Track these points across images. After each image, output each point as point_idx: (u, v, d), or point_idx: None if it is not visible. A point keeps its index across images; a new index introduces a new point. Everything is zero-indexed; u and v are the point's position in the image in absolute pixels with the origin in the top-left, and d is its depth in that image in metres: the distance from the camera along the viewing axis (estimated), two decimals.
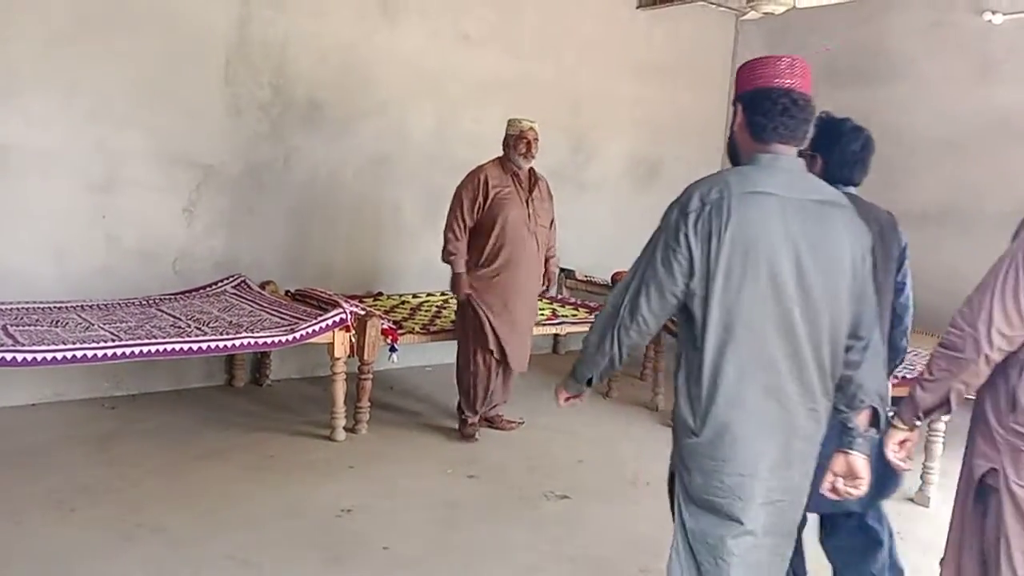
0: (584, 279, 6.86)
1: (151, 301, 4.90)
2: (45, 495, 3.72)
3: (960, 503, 2.18)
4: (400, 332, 4.90)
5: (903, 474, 2.59)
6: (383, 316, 4.98)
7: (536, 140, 4.76)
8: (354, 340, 4.66)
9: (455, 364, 4.96)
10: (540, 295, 5.27)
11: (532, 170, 4.86)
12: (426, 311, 5.64)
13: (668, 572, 2.11)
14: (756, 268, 1.92)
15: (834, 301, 1.99)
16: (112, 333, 4.13)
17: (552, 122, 6.56)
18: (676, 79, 7.54)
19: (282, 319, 4.63)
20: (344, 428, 4.70)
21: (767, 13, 5.17)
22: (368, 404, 4.84)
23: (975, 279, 2.11)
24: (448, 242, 4.73)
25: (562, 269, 6.90)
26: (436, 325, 5.20)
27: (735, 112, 2.10)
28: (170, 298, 5.01)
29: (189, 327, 4.36)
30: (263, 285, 5.34)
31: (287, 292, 5.38)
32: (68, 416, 4.76)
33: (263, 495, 3.91)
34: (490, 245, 4.70)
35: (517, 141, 4.74)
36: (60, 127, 4.82)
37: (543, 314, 5.66)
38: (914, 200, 6.67)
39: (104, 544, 3.33)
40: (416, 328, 5.08)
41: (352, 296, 5.56)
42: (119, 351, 3.91)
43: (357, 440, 4.74)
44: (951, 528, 2.21)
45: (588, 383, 2.24)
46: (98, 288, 4.96)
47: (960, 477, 2.19)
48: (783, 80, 2.01)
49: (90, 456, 4.23)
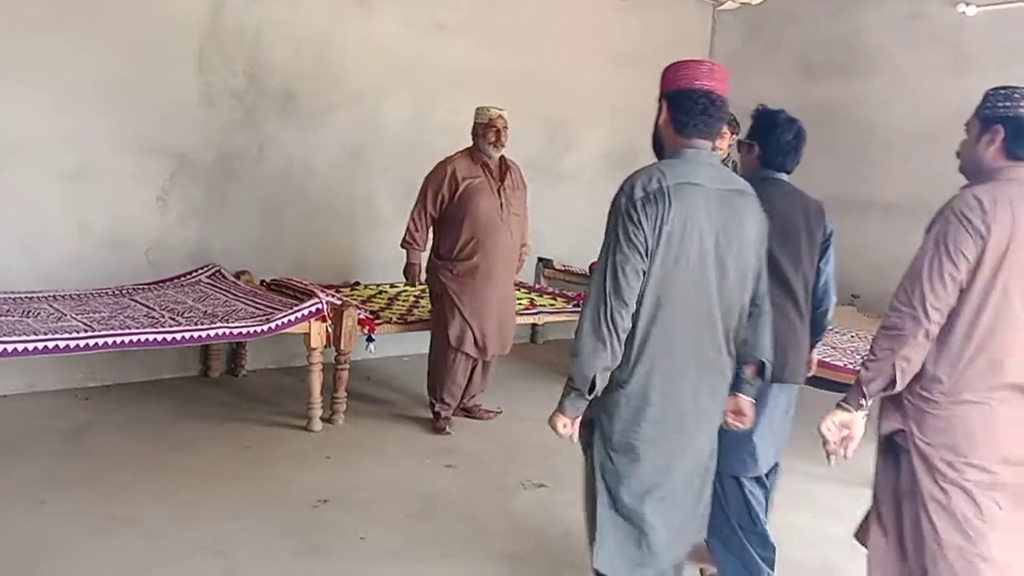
0: (561, 268, 6.88)
1: (124, 291, 4.85)
2: (16, 487, 3.68)
3: (878, 459, 2.49)
4: (377, 322, 4.88)
5: (758, 456, 2.88)
6: (360, 306, 4.97)
7: (505, 128, 4.71)
8: (331, 330, 4.63)
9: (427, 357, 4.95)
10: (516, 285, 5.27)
11: (503, 158, 4.82)
12: (403, 301, 5.62)
13: (596, 523, 2.42)
14: (687, 249, 2.23)
15: (743, 277, 2.35)
16: (85, 323, 4.07)
17: (528, 112, 6.56)
18: (654, 69, 7.30)
19: (257, 309, 4.60)
20: (321, 418, 4.69)
21: (744, 3, 5.20)
22: (345, 394, 4.83)
23: None
24: (408, 230, 4.79)
25: (539, 259, 6.91)
26: (413, 315, 5.19)
27: (660, 108, 2.40)
28: (144, 288, 4.96)
29: (163, 317, 4.31)
30: (238, 275, 5.30)
31: (262, 282, 5.35)
32: (40, 407, 4.70)
33: (238, 486, 3.88)
34: (463, 237, 4.67)
35: (486, 130, 4.69)
36: (30, 116, 4.75)
37: (521, 304, 5.66)
38: (889, 191, 6.74)
39: (76, 536, 3.30)
40: (393, 318, 5.07)
41: (329, 286, 5.54)
42: (92, 342, 3.85)
43: (334, 430, 4.73)
44: (875, 479, 2.52)
45: (590, 390, 2.27)
46: (70, 278, 4.89)
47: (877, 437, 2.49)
48: (703, 82, 2.31)
49: (62, 448, 4.18)
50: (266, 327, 4.33)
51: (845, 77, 7.06)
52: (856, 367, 3.92)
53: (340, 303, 4.73)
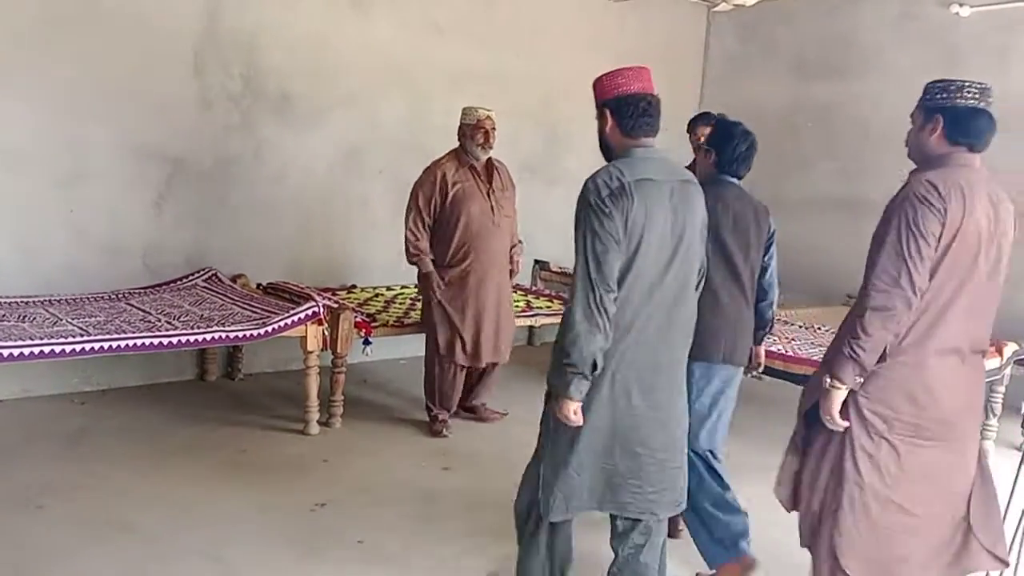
0: (558, 271, 6.86)
1: (120, 295, 4.84)
2: (12, 493, 3.67)
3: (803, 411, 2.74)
4: (374, 325, 4.88)
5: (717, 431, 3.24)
6: (356, 309, 4.96)
7: (494, 129, 4.61)
8: (327, 333, 4.63)
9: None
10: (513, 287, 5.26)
11: (490, 159, 4.73)
12: (400, 304, 5.62)
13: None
14: (650, 238, 2.43)
15: (694, 259, 2.59)
16: (81, 328, 4.07)
17: (525, 114, 6.56)
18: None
19: (254, 312, 4.59)
20: (318, 422, 4.68)
21: (738, 5, 5.21)
22: (342, 398, 4.82)
23: None
24: (409, 243, 4.62)
25: (536, 261, 6.90)
26: (410, 318, 5.18)
27: (602, 116, 2.62)
28: (140, 292, 4.95)
29: (159, 321, 4.31)
30: (234, 278, 5.29)
31: (259, 285, 5.34)
32: (36, 412, 4.70)
33: (236, 490, 3.88)
34: (455, 243, 4.61)
35: (474, 131, 4.58)
36: (27, 121, 4.75)
37: (517, 306, 5.65)
38: (884, 191, 6.73)
39: (73, 542, 3.30)
40: (390, 321, 5.06)
41: (326, 289, 5.53)
42: (88, 346, 3.85)
43: (331, 434, 4.72)
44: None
45: (593, 368, 2.40)
46: (66, 282, 4.89)
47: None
48: (638, 86, 2.55)
49: (59, 453, 4.18)
50: (263, 331, 4.33)
51: (839, 77, 7.07)
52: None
53: (336, 306, 4.72)
